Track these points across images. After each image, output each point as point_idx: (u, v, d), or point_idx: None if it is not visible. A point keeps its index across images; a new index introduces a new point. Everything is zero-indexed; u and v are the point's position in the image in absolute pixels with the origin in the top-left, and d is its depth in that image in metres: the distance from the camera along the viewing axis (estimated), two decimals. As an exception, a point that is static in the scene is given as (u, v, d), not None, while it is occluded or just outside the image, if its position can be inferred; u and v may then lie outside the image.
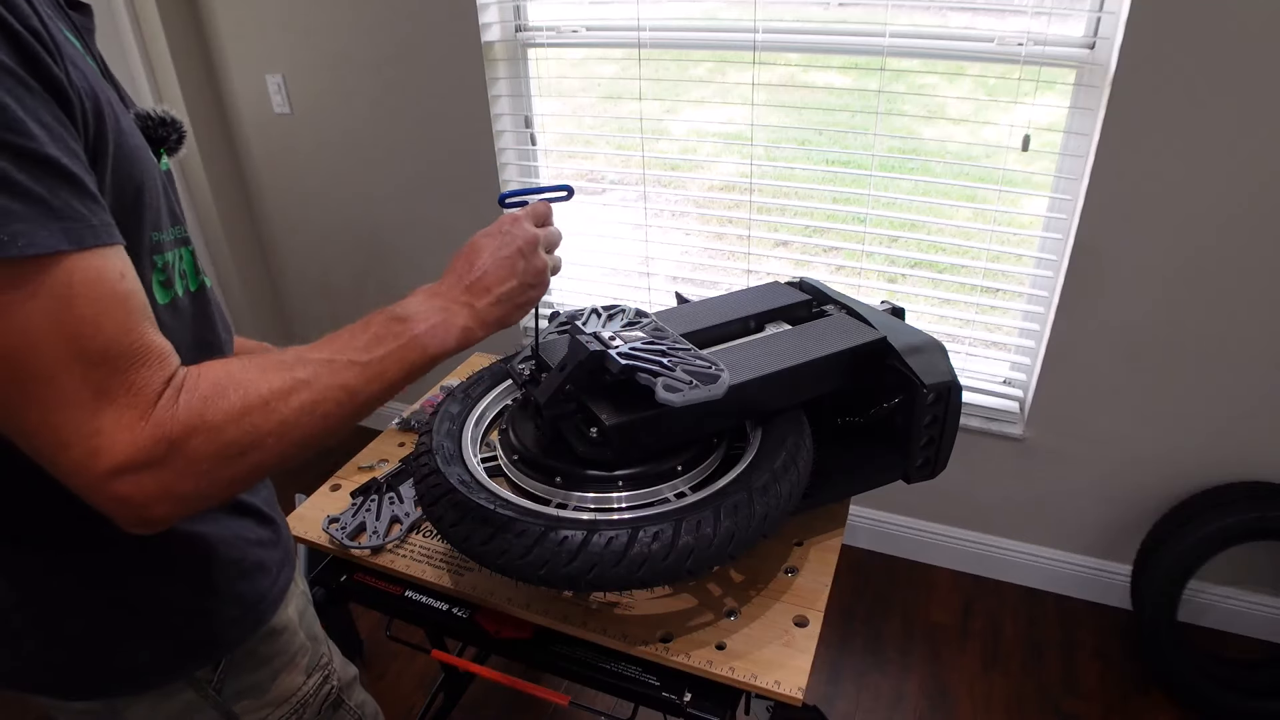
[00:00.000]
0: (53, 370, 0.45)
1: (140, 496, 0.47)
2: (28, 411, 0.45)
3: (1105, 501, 1.78)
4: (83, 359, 0.45)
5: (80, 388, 0.45)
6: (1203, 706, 1.60)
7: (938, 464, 0.97)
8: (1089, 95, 1.47)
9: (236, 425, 0.50)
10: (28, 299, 0.44)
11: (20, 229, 0.44)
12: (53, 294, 0.45)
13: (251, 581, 0.71)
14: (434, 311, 0.63)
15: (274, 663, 0.74)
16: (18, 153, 0.44)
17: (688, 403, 0.74)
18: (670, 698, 0.81)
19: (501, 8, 1.85)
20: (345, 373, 0.57)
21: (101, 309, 0.46)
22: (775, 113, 1.75)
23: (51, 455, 0.46)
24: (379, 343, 0.59)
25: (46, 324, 0.45)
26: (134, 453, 0.46)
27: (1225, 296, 1.49)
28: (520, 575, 0.76)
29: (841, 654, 1.77)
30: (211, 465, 0.49)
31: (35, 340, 0.44)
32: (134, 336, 0.48)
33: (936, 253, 1.88)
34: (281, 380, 0.53)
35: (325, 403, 0.55)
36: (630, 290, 2.09)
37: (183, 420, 0.48)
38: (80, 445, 0.45)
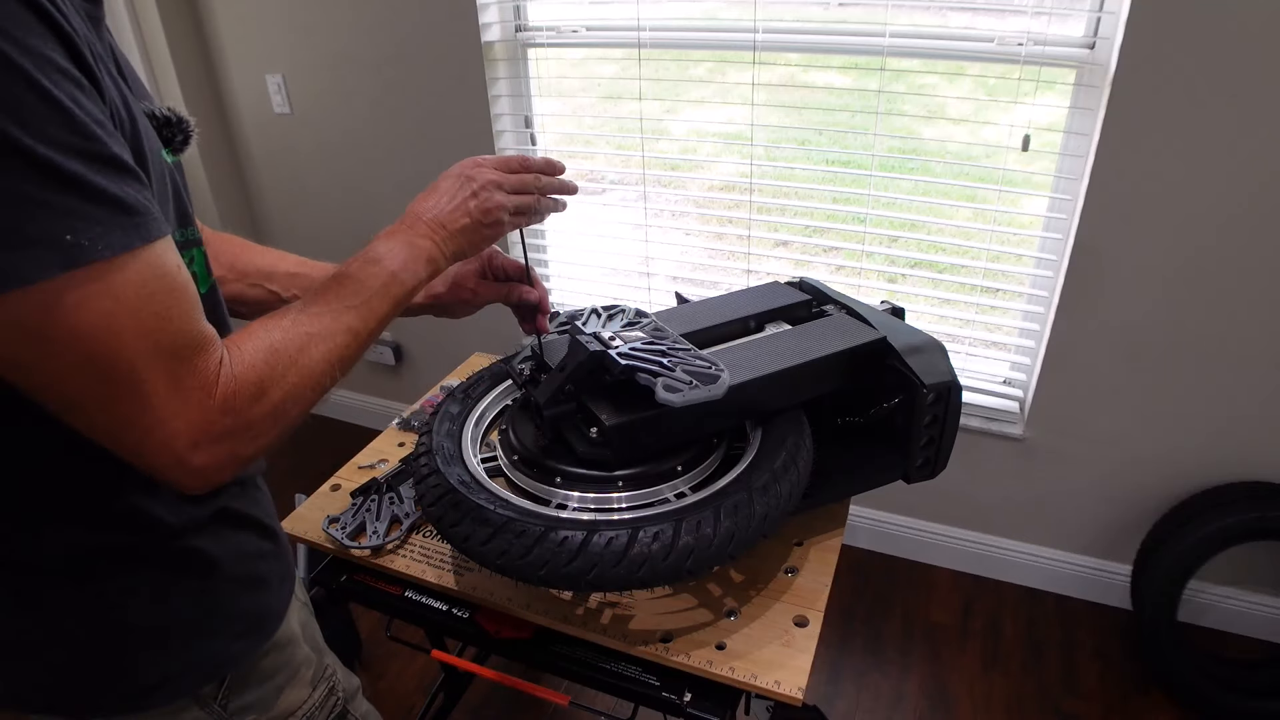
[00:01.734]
0: (135, 366, 0.48)
1: (213, 465, 0.52)
2: (114, 406, 0.48)
3: (1105, 501, 1.78)
4: (159, 352, 0.49)
5: (159, 379, 0.49)
6: (1203, 706, 1.60)
7: (938, 464, 0.97)
8: (1089, 95, 1.47)
9: (279, 387, 0.56)
10: (113, 300, 0.47)
11: (100, 231, 0.45)
12: (132, 291, 0.47)
13: (255, 596, 0.70)
14: (400, 248, 0.69)
15: (278, 677, 0.73)
16: (89, 156, 0.45)
17: (688, 403, 0.74)
18: (670, 698, 0.82)
19: (501, 8, 1.85)
20: (346, 317, 0.63)
21: (171, 301, 0.50)
22: (775, 113, 1.75)
23: (133, 443, 0.50)
24: (363, 285, 0.65)
25: (130, 322, 0.47)
26: (207, 429, 0.51)
27: (1225, 296, 1.49)
28: (520, 576, 0.76)
29: (841, 654, 1.77)
30: (266, 425, 0.55)
31: (121, 339, 0.47)
32: (195, 324, 0.52)
33: (936, 253, 1.88)
34: (300, 338, 0.59)
35: (338, 348, 0.62)
36: (630, 290, 2.09)
37: (239, 393, 0.53)
38: (162, 430, 0.50)
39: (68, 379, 0.47)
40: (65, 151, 0.44)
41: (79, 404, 0.49)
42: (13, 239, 0.43)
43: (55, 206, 0.44)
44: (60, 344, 0.46)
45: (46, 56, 0.44)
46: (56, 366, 0.47)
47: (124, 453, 0.51)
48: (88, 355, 0.46)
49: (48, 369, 0.47)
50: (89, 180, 0.45)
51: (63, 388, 0.48)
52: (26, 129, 0.43)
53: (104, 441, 0.50)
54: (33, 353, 0.46)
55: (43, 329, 0.45)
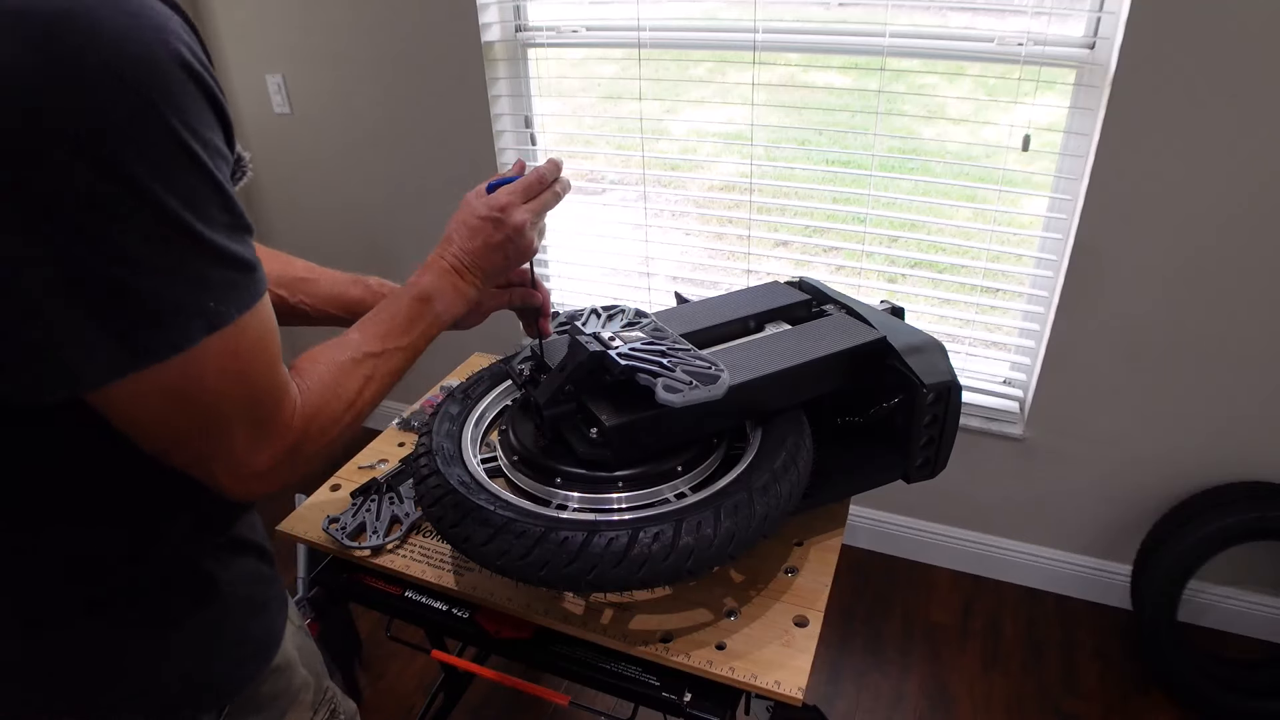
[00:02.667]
0: (231, 413, 0.53)
1: (266, 489, 0.58)
2: (203, 443, 0.53)
3: (1105, 501, 1.78)
4: (253, 402, 0.54)
5: (246, 427, 0.54)
6: (1203, 706, 1.60)
7: (938, 464, 0.97)
8: (1089, 95, 1.47)
9: (335, 426, 0.62)
10: (234, 356, 0.51)
11: (234, 295, 0.50)
12: (248, 345, 0.52)
13: (257, 620, 0.70)
14: (449, 289, 0.76)
15: (279, 702, 0.72)
16: (234, 228, 0.50)
17: (688, 403, 0.74)
18: (670, 698, 0.82)
19: (501, 8, 1.85)
20: (395, 359, 0.69)
21: (264, 352, 0.54)
22: (775, 113, 1.75)
23: (206, 473, 0.55)
24: (413, 324, 0.72)
25: (236, 376, 0.52)
26: (273, 465, 0.56)
27: (1225, 296, 1.49)
28: (520, 576, 0.76)
29: (841, 654, 1.77)
30: (317, 454, 0.61)
31: (228, 392, 0.52)
32: (279, 375, 0.56)
33: (936, 253, 1.88)
34: (357, 380, 0.65)
35: (384, 388, 0.68)
36: (630, 290, 2.09)
37: (301, 433, 0.58)
38: (239, 468, 0.55)
39: (169, 424, 0.51)
40: (220, 230, 0.49)
41: (168, 442, 0.53)
42: (171, 312, 0.47)
43: (208, 279, 0.49)
44: (183, 401, 0.50)
45: (214, 145, 0.49)
46: (166, 418, 0.51)
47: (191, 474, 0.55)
48: (201, 408, 0.51)
49: (158, 419, 0.51)
50: (231, 251, 0.50)
51: (159, 430, 0.51)
52: (197, 214, 0.47)
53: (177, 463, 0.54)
54: (154, 408, 0.50)
55: (174, 389, 0.49)
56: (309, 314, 0.93)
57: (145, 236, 0.45)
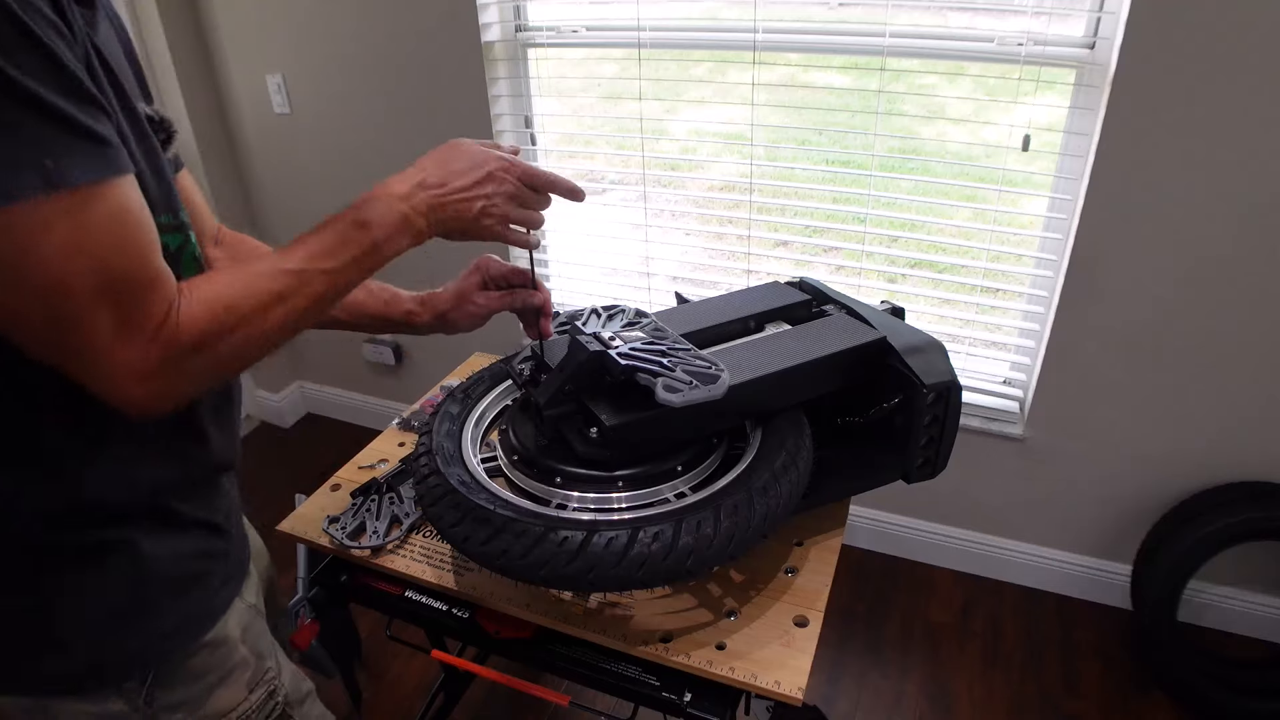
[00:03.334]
0: (82, 296, 0.49)
1: (149, 399, 0.54)
2: (61, 337, 0.51)
3: (1105, 501, 1.78)
4: (110, 286, 0.50)
5: (105, 315, 0.50)
6: (1203, 706, 1.60)
7: (938, 464, 0.97)
8: (1089, 95, 1.47)
9: (225, 343, 0.57)
10: (80, 228, 0.48)
11: (77, 160, 0.47)
12: (98, 221, 0.49)
13: (189, 596, 0.70)
14: (394, 217, 0.67)
15: (208, 677, 0.73)
16: (67, 90, 0.48)
17: (688, 403, 0.74)
18: (670, 698, 0.81)
19: (501, 8, 1.85)
20: (315, 283, 0.62)
21: (131, 235, 0.51)
22: (775, 113, 1.75)
23: (78, 371, 0.53)
24: (343, 248, 0.64)
25: (91, 251, 0.49)
26: (145, 369, 0.53)
27: (1225, 296, 1.49)
28: (520, 576, 0.76)
29: (841, 654, 1.77)
30: (205, 373, 0.57)
31: (78, 269, 0.48)
32: (151, 262, 0.53)
33: (936, 253, 1.88)
34: (262, 297, 0.59)
35: (297, 311, 0.62)
36: (630, 290, 2.09)
37: (179, 341, 0.54)
38: (104, 363, 0.52)
39: (22, 305, 0.49)
40: (46, 84, 0.46)
41: (29, 330, 0.51)
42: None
43: (37, 134, 0.46)
44: (22, 269, 0.47)
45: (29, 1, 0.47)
46: (14, 293, 0.48)
47: (72, 376, 0.53)
48: (46, 283, 0.48)
49: (4, 294, 0.48)
50: (67, 112, 0.47)
51: (14, 313, 0.50)
52: (9, 60, 0.45)
53: (54, 365, 0.53)
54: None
55: (10, 252, 0.47)
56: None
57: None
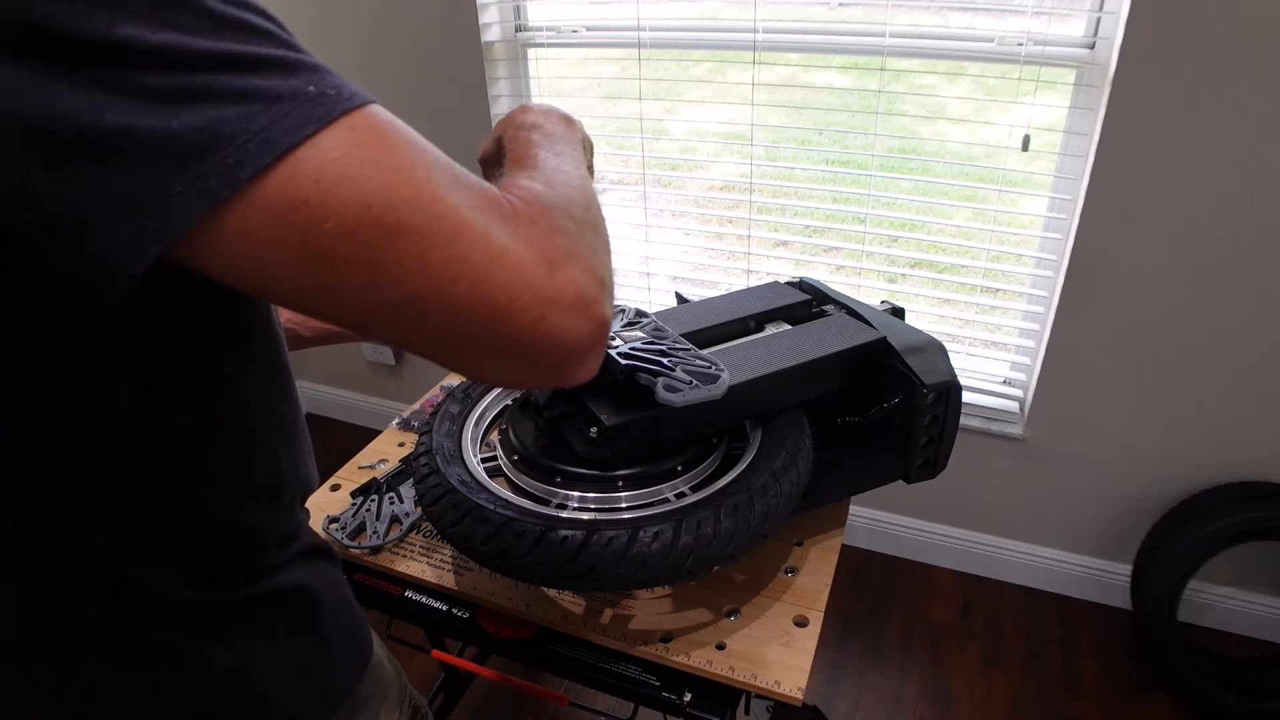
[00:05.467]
0: (454, 200, 0.39)
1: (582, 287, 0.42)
2: (461, 259, 0.38)
3: (1105, 501, 1.78)
4: (457, 185, 0.40)
5: (478, 206, 0.40)
6: (1203, 706, 1.60)
7: (938, 464, 0.97)
8: (1089, 95, 1.47)
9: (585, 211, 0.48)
10: (389, 146, 0.38)
11: (333, 84, 0.37)
12: (392, 137, 0.38)
13: (351, 620, 0.67)
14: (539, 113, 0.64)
15: (374, 701, 0.69)
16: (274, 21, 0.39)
17: (688, 403, 0.74)
18: (670, 698, 0.81)
19: (501, 8, 1.85)
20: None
21: (425, 143, 0.41)
22: (775, 113, 1.75)
23: (503, 304, 0.39)
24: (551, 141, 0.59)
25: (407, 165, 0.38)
26: (552, 240, 0.42)
27: (1226, 296, 1.49)
28: (520, 575, 0.76)
29: (841, 654, 1.77)
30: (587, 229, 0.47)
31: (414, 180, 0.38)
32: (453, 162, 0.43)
33: (936, 253, 1.88)
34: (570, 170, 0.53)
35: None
36: (630, 290, 2.09)
37: (537, 204, 0.44)
38: (513, 258, 0.40)
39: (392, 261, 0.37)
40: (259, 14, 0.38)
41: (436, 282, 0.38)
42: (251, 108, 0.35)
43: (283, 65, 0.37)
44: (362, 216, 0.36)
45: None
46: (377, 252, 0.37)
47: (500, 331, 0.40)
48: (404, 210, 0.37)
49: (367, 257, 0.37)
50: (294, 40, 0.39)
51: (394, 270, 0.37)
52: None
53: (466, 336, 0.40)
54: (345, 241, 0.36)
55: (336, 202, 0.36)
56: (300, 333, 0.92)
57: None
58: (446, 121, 1.99)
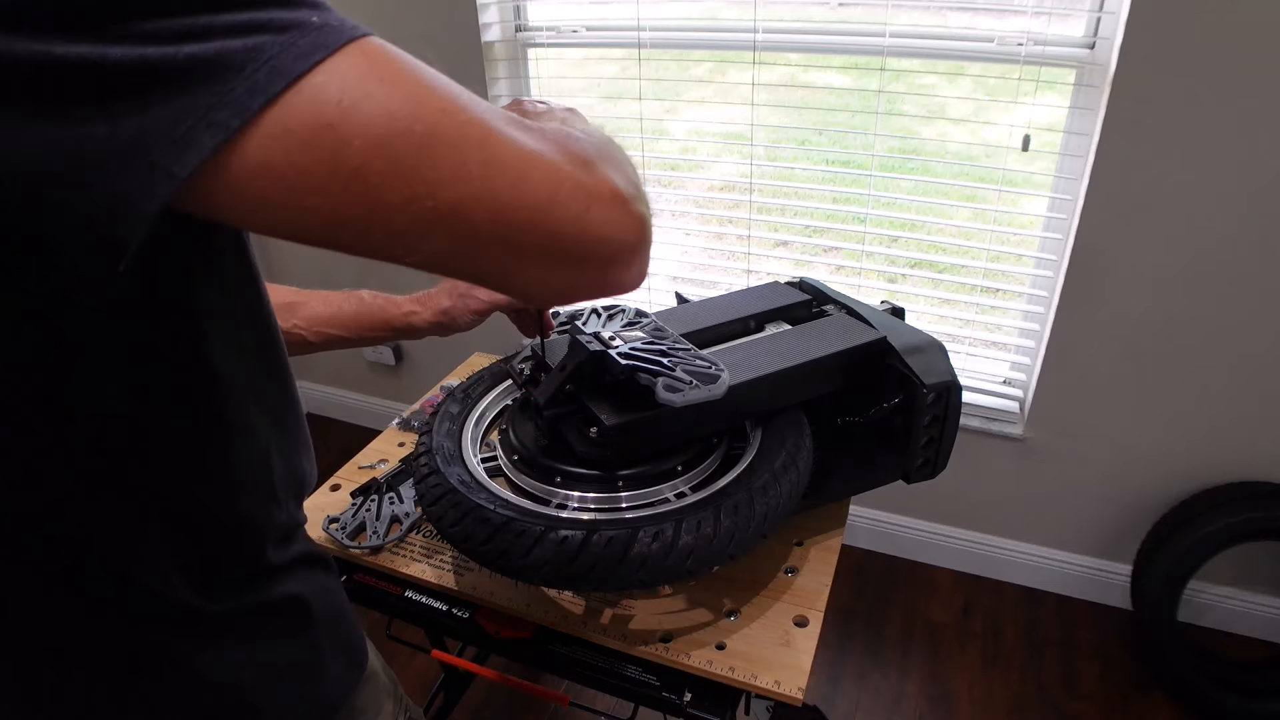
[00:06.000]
0: (485, 121, 0.39)
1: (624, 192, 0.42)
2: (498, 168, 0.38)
3: (1105, 501, 1.78)
4: (475, 100, 0.40)
5: (508, 129, 0.40)
6: (1203, 706, 1.60)
7: (938, 464, 0.97)
8: (1089, 95, 1.47)
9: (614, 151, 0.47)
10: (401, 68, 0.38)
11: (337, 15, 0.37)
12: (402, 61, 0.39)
13: (346, 629, 0.67)
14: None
15: (369, 710, 0.69)
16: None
17: (688, 403, 0.74)
18: (670, 698, 0.81)
19: (501, 8, 1.85)
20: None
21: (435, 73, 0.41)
22: (775, 113, 1.75)
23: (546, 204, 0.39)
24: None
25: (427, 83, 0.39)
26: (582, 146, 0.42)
27: (1225, 296, 1.49)
28: (520, 575, 0.76)
29: (841, 654, 1.77)
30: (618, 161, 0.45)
31: (436, 98, 0.38)
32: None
33: (936, 253, 1.88)
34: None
35: None
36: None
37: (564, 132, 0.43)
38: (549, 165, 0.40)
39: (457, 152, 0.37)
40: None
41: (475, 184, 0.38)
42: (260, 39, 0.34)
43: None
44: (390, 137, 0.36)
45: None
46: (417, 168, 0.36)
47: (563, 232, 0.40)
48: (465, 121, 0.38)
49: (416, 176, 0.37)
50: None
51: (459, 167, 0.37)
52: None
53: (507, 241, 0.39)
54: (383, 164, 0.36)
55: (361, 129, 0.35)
56: (306, 338, 0.91)
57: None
58: (446, 121, 1.99)
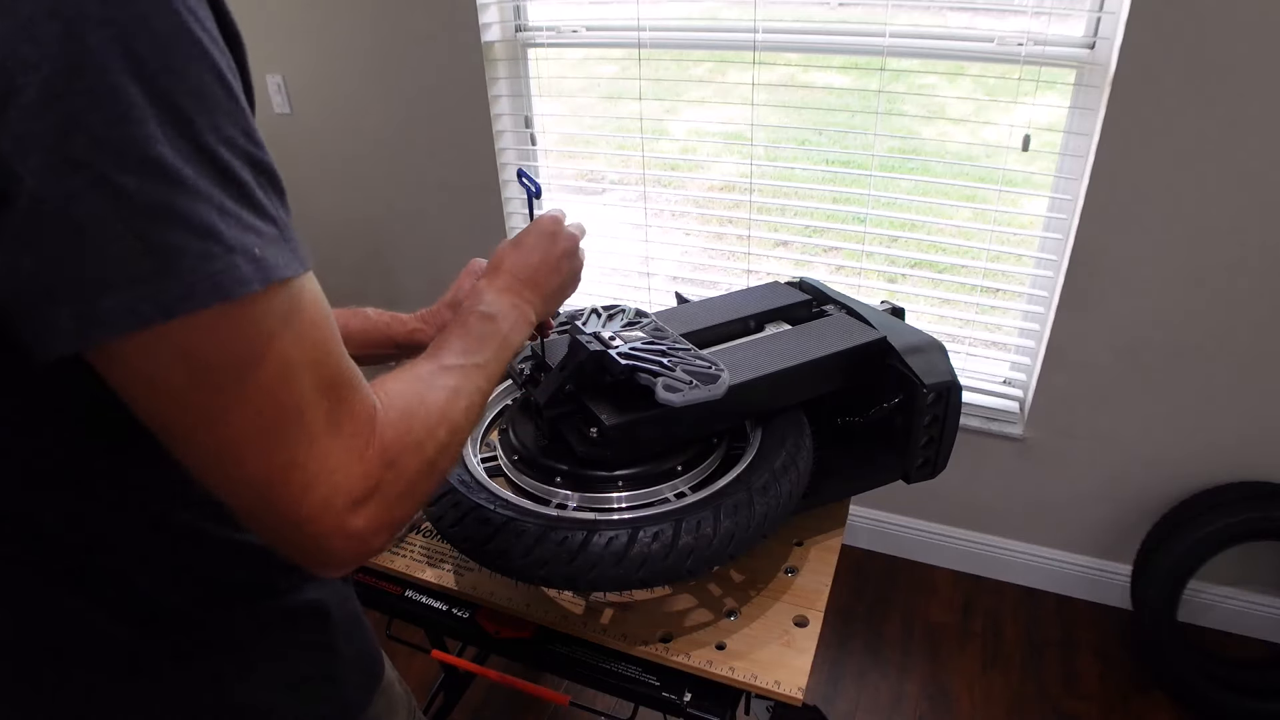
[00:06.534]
0: (302, 404, 0.41)
1: (370, 530, 0.45)
2: (273, 453, 0.41)
3: (1105, 501, 1.78)
4: (321, 388, 0.42)
5: (320, 421, 0.42)
6: (1203, 706, 1.60)
7: (938, 464, 0.97)
8: (1089, 95, 1.47)
9: (431, 439, 0.50)
10: (291, 325, 0.41)
11: (276, 251, 0.40)
12: (306, 317, 0.42)
13: (362, 638, 0.66)
14: (510, 309, 0.68)
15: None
16: (256, 165, 0.40)
17: (688, 403, 0.74)
18: (670, 698, 0.81)
19: (501, 8, 1.85)
20: (477, 376, 0.59)
21: (327, 332, 0.44)
22: (775, 113, 1.75)
23: (287, 503, 0.42)
24: (485, 343, 0.63)
25: (302, 351, 0.41)
26: (366, 483, 0.44)
27: (1225, 296, 1.49)
28: (520, 575, 0.76)
29: (841, 654, 1.77)
30: (418, 483, 0.49)
31: (294, 370, 0.41)
32: (346, 359, 0.45)
33: (936, 253, 1.88)
34: (443, 391, 0.54)
35: (474, 406, 0.57)
36: (630, 290, 2.09)
37: (392, 442, 0.46)
38: (323, 484, 0.42)
39: (232, 418, 0.40)
40: (244, 159, 0.40)
41: (234, 451, 0.41)
42: (212, 247, 0.37)
43: (242, 218, 0.39)
44: (236, 376, 0.39)
45: (217, 40, 0.39)
46: (223, 403, 0.39)
47: (270, 520, 0.43)
48: (261, 391, 0.40)
49: (212, 405, 0.39)
50: (255, 196, 0.40)
51: (222, 429, 0.40)
52: (215, 130, 0.38)
53: (248, 507, 0.43)
54: (198, 387, 0.39)
55: (221, 357, 0.38)
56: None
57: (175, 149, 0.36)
58: (446, 121, 1.99)
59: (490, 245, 0.83)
